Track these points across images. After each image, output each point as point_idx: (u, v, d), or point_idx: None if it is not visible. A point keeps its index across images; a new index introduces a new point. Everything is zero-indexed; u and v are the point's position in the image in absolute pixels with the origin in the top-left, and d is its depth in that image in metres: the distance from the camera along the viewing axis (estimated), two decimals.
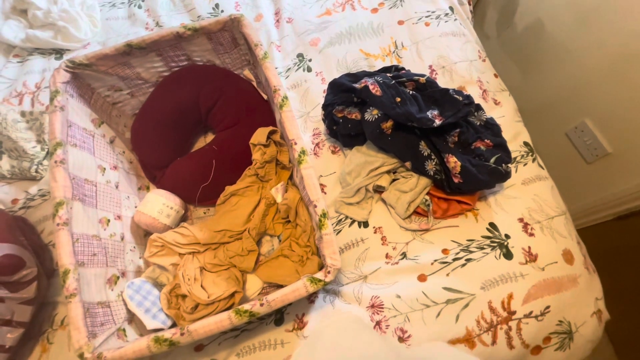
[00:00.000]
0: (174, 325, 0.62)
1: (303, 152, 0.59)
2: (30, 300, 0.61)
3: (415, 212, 0.71)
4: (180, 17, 1.03)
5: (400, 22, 0.92)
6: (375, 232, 0.70)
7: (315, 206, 0.55)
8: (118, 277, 0.62)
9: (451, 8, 0.94)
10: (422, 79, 0.70)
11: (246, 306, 0.49)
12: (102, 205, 0.65)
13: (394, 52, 0.88)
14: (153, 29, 1.01)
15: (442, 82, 0.84)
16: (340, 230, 0.72)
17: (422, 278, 0.65)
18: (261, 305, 0.49)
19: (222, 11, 1.02)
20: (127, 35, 1.01)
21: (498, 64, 1.57)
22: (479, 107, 0.72)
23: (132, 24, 1.03)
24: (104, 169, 0.70)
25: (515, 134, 0.80)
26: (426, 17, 0.92)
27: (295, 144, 0.59)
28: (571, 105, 1.24)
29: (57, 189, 0.55)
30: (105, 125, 0.75)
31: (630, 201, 1.12)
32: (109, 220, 0.65)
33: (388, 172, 0.72)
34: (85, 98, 0.71)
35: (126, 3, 1.07)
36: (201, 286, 0.64)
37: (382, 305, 0.62)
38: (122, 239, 0.67)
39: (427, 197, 0.70)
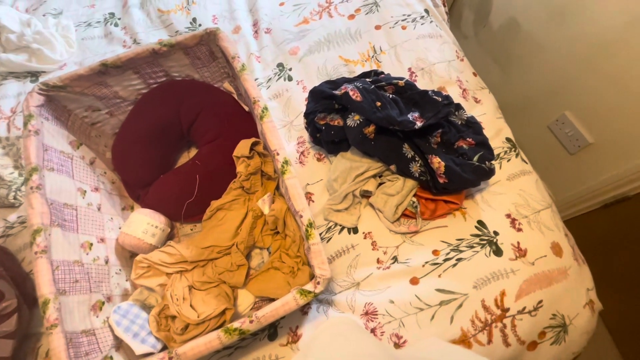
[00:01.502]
0: (165, 348, 0.61)
1: (286, 162, 0.58)
2: (11, 334, 0.58)
3: (404, 215, 0.71)
4: (158, 33, 1.02)
5: (377, 27, 0.93)
6: (365, 238, 0.70)
7: (301, 216, 0.55)
8: (103, 303, 0.60)
9: (426, 10, 0.95)
10: (401, 82, 0.71)
11: (235, 324, 0.48)
12: (84, 229, 0.63)
13: (372, 56, 0.89)
14: (131, 47, 1.00)
15: (422, 83, 0.85)
16: (330, 238, 0.71)
17: (414, 281, 0.64)
18: (251, 322, 0.48)
19: (200, 25, 1.01)
20: (104, 54, 0.99)
21: (477, 62, 1.60)
22: (459, 107, 0.73)
23: (109, 43, 1.02)
24: (85, 191, 0.68)
25: (497, 131, 0.81)
26: (402, 20, 0.93)
27: (278, 154, 0.58)
28: (551, 99, 1.27)
29: (34, 216, 0.54)
30: (85, 147, 0.73)
31: (615, 189, 1.15)
32: (91, 244, 0.63)
33: (374, 176, 0.72)
34: (61, 120, 0.69)
35: (102, 22, 1.06)
36: (190, 305, 0.62)
37: (376, 311, 0.62)
38: (107, 262, 0.65)
39: (414, 199, 0.70)
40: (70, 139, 0.70)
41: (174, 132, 0.78)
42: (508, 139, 0.81)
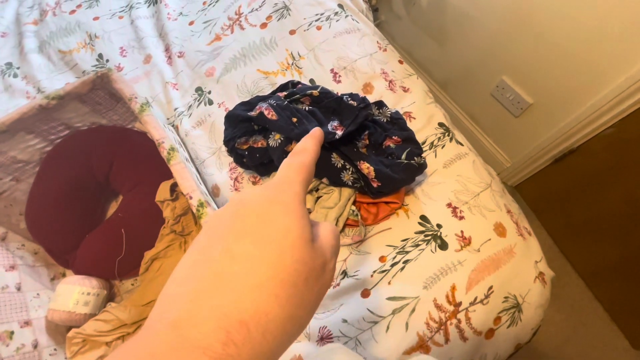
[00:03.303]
0: None
1: (201, 204, 0.54)
2: None
3: (348, 225, 0.68)
4: (63, 77, 0.94)
5: (292, 32, 0.89)
6: None
7: None
8: None
9: (340, 5, 0.92)
10: (315, 92, 0.67)
11: None
12: (0, 318, 0.57)
13: (292, 64, 0.85)
14: (35, 97, 0.92)
15: (347, 83, 0.82)
16: None
17: (365, 294, 0.62)
18: None
19: (108, 60, 0.94)
20: (7, 110, 0.90)
21: (414, 41, 1.60)
22: (382, 104, 0.70)
23: (11, 97, 0.93)
24: None
25: (429, 118, 0.80)
26: (316, 20, 0.89)
27: (191, 197, 0.54)
28: (487, 67, 1.28)
29: None
30: None
31: (561, 143, 1.18)
32: (12, 333, 0.58)
33: (310, 192, 0.69)
34: None
35: None
36: None
37: (331, 335, 0.59)
38: (35, 347, 0.59)
39: (354, 207, 0.67)
40: None
41: (91, 187, 0.72)
42: (441, 124, 0.79)
